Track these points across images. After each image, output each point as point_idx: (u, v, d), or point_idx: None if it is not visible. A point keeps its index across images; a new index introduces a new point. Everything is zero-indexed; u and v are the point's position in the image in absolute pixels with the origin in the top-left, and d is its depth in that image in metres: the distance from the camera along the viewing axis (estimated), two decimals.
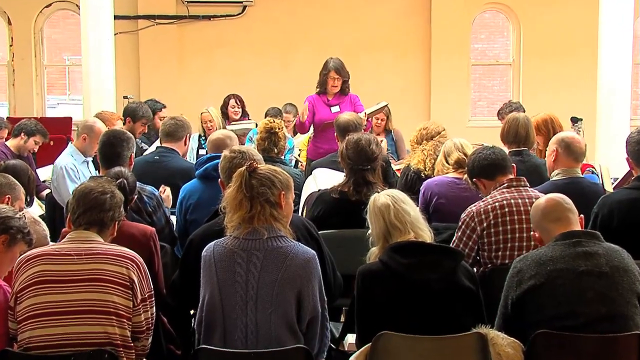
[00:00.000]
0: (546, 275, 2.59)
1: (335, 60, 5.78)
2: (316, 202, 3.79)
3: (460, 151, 4.00)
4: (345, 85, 5.81)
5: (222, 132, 4.32)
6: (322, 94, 5.85)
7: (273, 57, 9.20)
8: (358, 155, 3.66)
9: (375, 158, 3.66)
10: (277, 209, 2.60)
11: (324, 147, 5.53)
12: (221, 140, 4.09)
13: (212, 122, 6.31)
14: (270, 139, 4.54)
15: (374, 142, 3.69)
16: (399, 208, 2.78)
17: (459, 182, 3.93)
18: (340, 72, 5.74)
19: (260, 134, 4.61)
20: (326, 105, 5.81)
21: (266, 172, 2.63)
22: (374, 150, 3.66)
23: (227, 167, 3.18)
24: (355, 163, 3.65)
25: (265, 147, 4.53)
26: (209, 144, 4.17)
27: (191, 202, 3.80)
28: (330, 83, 5.76)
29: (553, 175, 3.82)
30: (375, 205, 2.82)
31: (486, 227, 3.26)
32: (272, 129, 4.55)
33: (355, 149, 3.66)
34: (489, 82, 9.87)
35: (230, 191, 2.62)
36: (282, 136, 4.59)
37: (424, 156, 4.39)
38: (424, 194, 3.98)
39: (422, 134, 4.51)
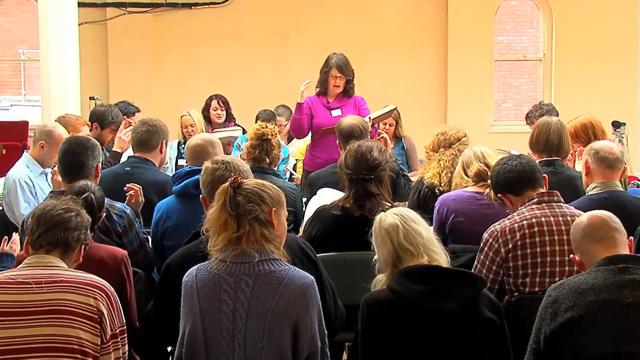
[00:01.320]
0: (586, 307, 2.60)
1: (339, 56, 5.81)
2: (314, 220, 3.82)
3: (482, 161, 4.03)
4: (349, 86, 5.85)
5: (203, 136, 4.33)
6: (322, 95, 5.89)
7: (264, 52, 9.25)
8: (357, 162, 3.71)
9: (377, 165, 3.70)
10: (269, 228, 2.63)
11: (323, 156, 5.58)
12: (201, 147, 4.10)
13: (194, 127, 6.34)
14: (262, 146, 4.56)
15: (376, 149, 3.73)
16: (409, 228, 2.81)
17: (480, 197, 3.97)
18: (343, 70, 5.77)
19: (250, 140, 4.63)
20: (326, 108, 5.85)
21: (253, 187, 2.66)
22: (375, 157, 3.70)
23: (209, 181, 3.19)
24: (355, 172, 3.70)
25: (255, 156, 4.56)
26: (187, 151, 4.19)
27: (168, 226, 3.82)
28: (331, 82, 5.79)
29: (589, 189, 3.86)
30: (382, 226, 2.85)
31: (512, 249, 3.29)
32: (265, 135, 4.58)
33: (354, 156, 3.71)
34: (516, 80, 9.91)
35: (213, 211, 2.64)
36: (276, 144, 4.62)
37: (439, 168, 4.43)
38: (439, 211, 4.01)
39: (439, 140, 4.54)
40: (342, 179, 3.77)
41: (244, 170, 3.28)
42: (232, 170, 3.21)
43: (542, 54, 9.58)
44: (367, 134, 4.76)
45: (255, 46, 9.24)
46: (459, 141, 4.52)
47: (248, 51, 9.23)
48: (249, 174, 3.28)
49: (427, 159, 4.61)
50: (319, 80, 5.89)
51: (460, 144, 4.49)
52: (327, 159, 5.32)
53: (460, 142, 4.51)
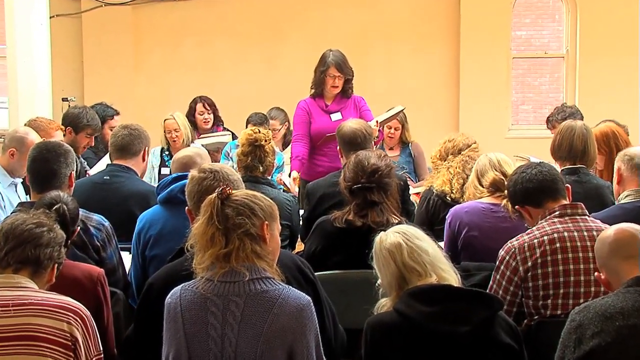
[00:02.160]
0: (614, 333, 2.59)
1: (336, 54, 5.82)
2: (314, 234, 3.84)
3: (498, 170, 4.06)
4: (348, 86, 5.87)
5: (192, 149, 4.37)
6: (319, 97, 5.91)
7: (256, 49, 9.26)
8: (354, 172, 3.74)
9: (375, 171, 3.73)
10: (260, 243, 2.65)
11: (324, 164, 5.63)
12: (189, 159, 4.14)
13: (178, 132, 6.37)
14: (254, 153, 4.58)
15: (375, 156, 3.78)
16: (413, 246, 2.83)
17: (496, 209, 3.99)
18: (342, 68, 5.78)
19: (242, 147, 4.65)
20: (324, 112, 5.87)
21: (243, 198, 2.68)
22: (373, 163, 3.73)
23: (196, 191, 3.22)
24: (353, 182, 3.73)
25: (248, 165, 4.58)
26: (174, 163, 4.21)
27: (151, 234, 3.84)
28: (329, 83, 5.81)
29: (621, 197, 3.88)
30: (383, 246, 2.86)
31: (532, 267, 3.30)
32: (257, 141, 4.60)
33: (351, 167, 3.76)
34: (536, 79, 9.91)
35: (199, 224, 2.65)
36: (270, 150, 4.63)
37: (449, 175, 4.45)
38: (450, 225, 4.03)
39: (447, 147, 4.58)
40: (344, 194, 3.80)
41: (234, 180, 3.29)
42: (221, 180, 3.22)
43: (565, 51, 9.57)
44: (372, 140, 4.78)
45: (246, 42, 9.24)
46: (468, 147, 4.55)
47: (238, 48, 9.24)
48: (239, 183, 3.30)
49: (435, 169, 4.64)
50: (314, 81, 5.90)
51: (470, 151, 4.52)
52: (328, 167, 5.37)
53: (470, 149, 4.54)
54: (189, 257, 2.74)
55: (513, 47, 9.51)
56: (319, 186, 4.73)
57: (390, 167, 3.80)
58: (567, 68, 9.55)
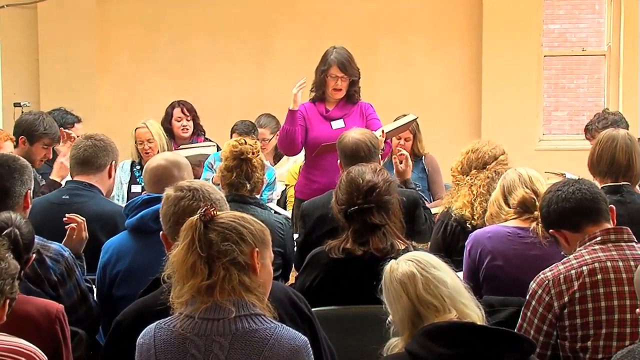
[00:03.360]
0: None
1: (340, 51, 5.85)
2: (308, 266, 3.85)
3: (528, 187, 4.07)
4: (354, 89, 5.90)
5: (166, 156, 4.34)
6: (319, 101, 5.93)
7: (241, 45, 9.26)
8: (347, 190, 3.76)
9: (372, 189, 3.73)
10: (250, 274, 2.65)
11: (321, 180, 5.64)
12: (164, 170, 4.12)
13: (152, 142, 6.39)
14: (240, 168, 4.59)
15: (369, 170, 3.79)
16: (429, 276, 2.82)
17: (524, 234, 4.00)
18: (346, 68, 5.81)
19: (225, 161, 4.65)
20: (324, 118, 5.90)
21: (230, 221, 2.68)
22: (369, 180, 3.74)
23: (172, 214, 3.22)
24: (348, 204, 3.74)
25: (232, 182, 4.59)
26: (145, 174, 4.20)
27: (119, 270, 3.84)
28: (331, 85, 5.84)
29: None
30: (394, 277, 2.85)
31: (568, 303, 3.30)
32: (243, 154, 4.60)
33: (344, 186, 3.77)
34: (572, 81, 9.92)
35: (178, 251, 2.66)
36: (259, 164, 4.64)
37: (471, 195, 4.48)
38: (471, 252, 4.04)
39: (470, 159, 4.59)
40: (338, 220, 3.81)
41: (217, 199, 3.29)
42: (201, 200, 3.22)
43: (607, 47, 9.56)
44: (378, 153, 4.81)
45: (231, 37, 9.23)
46: (495, 160, 4.57)
47: (221, 44, 9.23)
48: (222, 203, 3.30)
49: (455, 185, 4.65)
50: (314, 83, 5.92)
51: (498, 164, 4.54)
52: (326, 184, 5.35)
53: (498, 162, 4.56)
54: (165, 289, 2.74)
55: (545, 43, 9.51)
56: (316, 206, 4.74)
57: (389, 182, 3.81)
58: (608, 68, 9.54)
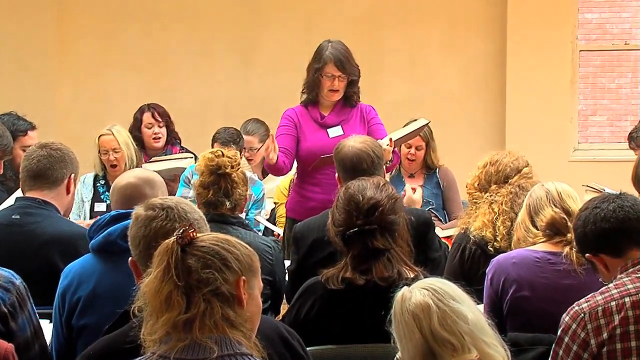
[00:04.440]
0: None
1: (336, 46, 5.85)
2: (303, 296, 3.85)
3: (557, 205, 4.07)
4: (353, 90, 5.90)
5: (137, 173, 4.34)
6: (312, 104, 5.94)
7: (224, 39, 9.23)
8: (346, 209, 3.75)
9: (375, 207, 3.73)
10: (235, 306, 2.63)
11: (316, 197, 5.66)
12: (135, 188, 4.11)
13: (119, 152, 6.39)
14: (217, 185, 4.59)
15: (371, 186, 3.79)
16: (446, 309, 2.82)
17: (555, 259, 4.01)
18: (344, 65, 5.80)
19: (201, 176, 4.65)
20: (319, 125, 5.90)
21: (212, 244, 2.66)
22: (370, 196, 3.74)
23: (142, 236, 3.19)
24: (346, 225, 3.74)
25: (209, 200, 4.60)
26: (113, 194, 4.18)
27: (81, 296, 3.82)
28: (326, 85, 5.84)
29: None
30: (405, 308, 2.85)
31: (608, 340, 3.30)
32: (221, 168, 4.61)
33: (342, 204, 3.76)
34: (612, 80, 9.91)
35: (151, 279, 2.63)
36: (240, 179, 4.64)
37: (492, 214, 4.49)
38: (492, 281, 4.05)
39: (489, 173, 4.60)
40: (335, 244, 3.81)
41: (196, 219, 3.26)
42: (176, 220, 3.20)
43: None
44: (382, 164, 4.82)
45: (211, 30, 9.21)
46: (519, 173, 4.57)
47: (200, 38, 9.20)
48: (202, 223, 3.27)
49: (472, 203, 4.66)
50: (306, 83, 5.93)
51: (522, 177, 4.55)
52: (323, 201, 5.34)
53: (522, 175, 4.56)
54: (136, 324, 2.73)
55: (580, 36, 9.47)
56: (311, 228, 4.74)
57: (394, 199, 3.80)
58: None
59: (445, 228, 5.91)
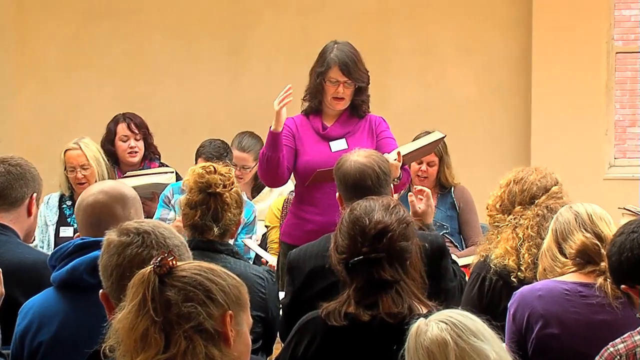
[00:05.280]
0: None
1: (343, 48, 5.88)
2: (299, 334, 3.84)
3: (588, 229, 4.08)
4: (361, 99, 5.94)
5: (106, 187, 4.29)
6: (314, 114, 6.00)
7: (210, 39, 9.28)
8: (350, 234, 3.74)
9: (384, 232, 3.71)
10: (220, 345, 2.63)
11: (315, 219, 5.70)
12: (104, 206, 4.06)
13: (88, 169, 6.43)
14: (206, 205, 4.60)
15: (379, 207, 3.77)
16: (466, 347, 2.82)
17: (587, 292, 4.02)
18: (350, 70, 5.84)
19: (189, 194, 4.67)
20: (321, 137, 5.95)
21: (194, 274, 2.67)
22: (379, 220, 3.72)
23: (115, 265, 3.19)
24: (350, 253, 3.73)
25: (196, 223, 4.61)
26: (79, 213, 4.14)
27: (42, 340, 3.79)
28: (330, 92, 5.88)
29: None
30: (420, 342, 2.85)
31: None
32: (211, 186, 4.62)
33: (345, 228, 3.75)
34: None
35: (125, 314, 2.65)
36: (233, 200, 4.65)
37: (516, 240, 4.50)
38: (516, 316, 4.06)
39: (512, 192, 4.62)
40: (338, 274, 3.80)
41: (176, 246, 3.25)
42: (154, 246, 3.20)
43: None
44: (389, 182, 4.82)
45: (196, 29, 9.25)
46: (546, 193, 4.59)
47: (184, 38, 9.23)
48: (183, 251, 3.27)
49: (493, 227, 4.68)
50: (307, 90, 5.97)
51: (550, 198, 4.57)
52: (323, 224, 5.38)
53: (550, 195, 4.58)
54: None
55: (616, 36, 9.48)
56: (309, 255, 4.74)
57: (405, 223, 3.77)
58: None
59: (461, 256, 5.92)
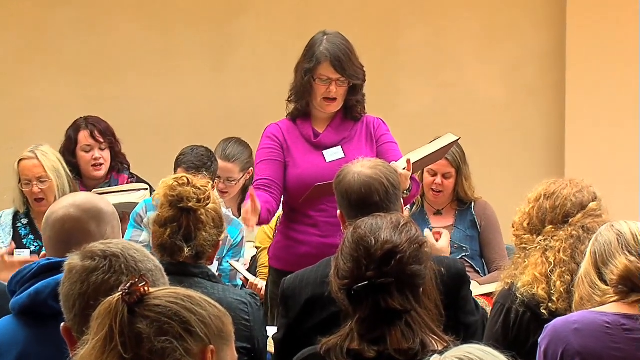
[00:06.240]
0: None
1: (334, 39, 5.92)
2: None
3: (633, 252, 4.07)
4: (356, 99, 5.99)
5: (79, 200, 4.27)
6: (303, 117, 6.04)
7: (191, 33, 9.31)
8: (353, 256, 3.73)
9: (392, 254, 3.70)
10: None
11: (311, 241, 5.74)
12: (75, 222, 4.06)
13: (46, 183, 6.46)
14: (177, 222, 4.65)
15: (388, 225, 3.76)
16: None
17: (632, 324, 4.02)
18: (343, 65, 5.88)
19: (159, 209, 4.72)
20: (312, 146, 6.00)
21: (170, 302, 2.69)
22: (387, 239, 3.72)
23: (79, 294, 3.21)
24: (353, 278, 3.73)
25: (165, 243, 4.66)
26: (46, 230, 4.12)
27: None
28: (320, 92, 5.91)
29: None
30: None
31: None
32: (183, 200, 4.66)
33: (349, 250, 3.75)
34: None
35: (88, 351, 2.67)
36: (209, 218, 4.69)
37: (546, 265, 4.52)
38: (548, 353, 4.05)
39: (543, 209, 4.63)
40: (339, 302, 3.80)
41: (150, 270, 3.26)
42: (123, 272, 3.22)
43: None
44: (399, 196, 4.83)
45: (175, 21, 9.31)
46: (583, 210, 4.61)
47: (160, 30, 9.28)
48: (158, 276, 3.29)
49: (520, 249, 4.68)
50: (293, 89, 6.02)
51: (587, 216, 4.59)
52: (320, 246, 5.47)
53: (587, 212, 4.60)
54: None
55: None
56: (305, 283, 4.75)
57: (418, 243, 3.76)
58: None
59: (483, 283, 5.95)
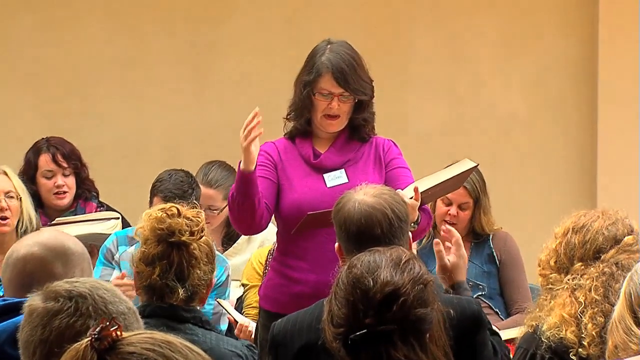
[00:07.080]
0: None
1: (338, 49, 5.97)
2: None
3: None
4: (363, 117, 6.04)
5: (43, 238, 4.31)
6: (302, 137, 6.10)
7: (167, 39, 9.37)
8: (349, 300, 3.74)
9: (393, 297, 3.72)
10: None
11: (306, 278, 5.80)
12: (39, 262, 4.14)
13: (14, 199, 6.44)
14: (167, 260, 4.68)
15: (389, 263, 3.77)
16: None
17: None
18: (347, 78, 5.92)
19: (144, 245, 4.73)
20: (312, 168, 6.04)
21: (146, 349, 2.70)
22: (388, 281, 3.73)
23: (40, 340, 3.23)
24: (349, 326, 3.72)
25: (154, 284, 4.69)
26: (6, 270, 4.21)
27: None
28: (321, 108, 5.96)
29: None
30: None
31: None
32: (175, 234, 4.69)
33: (344, 293, 3.76)
34: None
35: None
36: (203, 253, 4.73)
37: (575, 305, 4.53)
38: None
39: (571, 244, 4.66)
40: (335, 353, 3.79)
41: (121, 312, 3.29)
42: (91, 315, 3.24)
43: None
44: (406, 229, 4.84)
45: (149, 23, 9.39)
46: (617, 245, 4.63)
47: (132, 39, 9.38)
48: (132, 319, 3.31)
49: (547, 289, 4.69)
50: (292, 105, 6.06)
51: (622, 251, 4.61)
52: (316, 284, 5.50)
53: (622, 247, 4.63)
54: None
55: None
56: (299, 328, 4.76)
57: (422, 284, 3.77)
58: None
59: (504, 327, 5.96)
